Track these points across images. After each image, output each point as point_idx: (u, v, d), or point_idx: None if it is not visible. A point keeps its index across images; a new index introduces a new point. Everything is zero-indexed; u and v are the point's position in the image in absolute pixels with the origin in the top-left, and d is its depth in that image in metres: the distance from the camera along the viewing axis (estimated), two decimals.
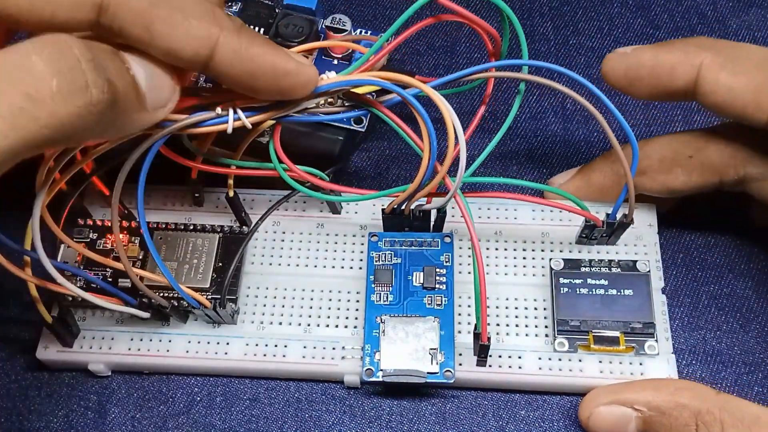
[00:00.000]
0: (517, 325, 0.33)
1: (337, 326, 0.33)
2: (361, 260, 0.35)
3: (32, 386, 0.34)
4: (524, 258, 0.34)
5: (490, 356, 0.31)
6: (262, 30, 0.36)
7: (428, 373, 0.31)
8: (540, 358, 0.32)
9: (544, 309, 0.33)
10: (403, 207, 0.32)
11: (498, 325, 0.33)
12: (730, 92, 0.28)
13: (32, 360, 0.33)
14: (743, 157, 0.31)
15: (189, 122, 0.24)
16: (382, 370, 0.31)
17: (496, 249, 0.35)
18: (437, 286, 0.33)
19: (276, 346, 0.33)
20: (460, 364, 0.32)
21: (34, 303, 0.30)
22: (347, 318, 0.33)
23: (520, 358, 0.32)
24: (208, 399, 0.33)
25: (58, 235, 0.28)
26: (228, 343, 0.33)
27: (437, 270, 0.33)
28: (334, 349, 0.33)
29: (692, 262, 0.36)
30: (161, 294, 0.32)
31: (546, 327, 0.33)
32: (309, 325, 0.33)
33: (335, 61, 0.35)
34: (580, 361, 0.32)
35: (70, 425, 0.33)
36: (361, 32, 0.37)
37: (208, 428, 0.33)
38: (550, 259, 0.33)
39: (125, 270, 0.29)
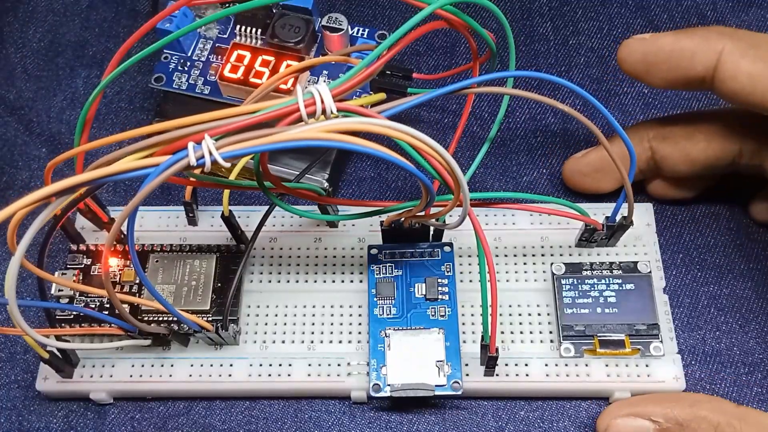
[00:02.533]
0: (521, 332, 0.33)
1: (341, 342, 0.33)
2: (362, 273, 0.34)
3: (32, 386, 0.33)
4: (525, 264, 0.34)
5: (497, 365, 0.31)
6: (258, 31, 0.36)
7: (436, 385, 0.31)
8: (546, 365, 0.32)
9: (548, 314, 0.33)
10: (402, 220, 0.31)
11: (503, 332, 0.33)
12: (750, 79, 0.28)
13: (32, 360, 0.33)
14: (765, 128, 0.31)
15: (170, 172, 0.23)
16: (389, 385, 0.31)
17: (497, 256, 0.34)
18: (440, 297, 0.33)
19: (280, 365, 0.32)
20: (467, 375, 0.32)
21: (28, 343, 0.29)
22: (351, 333, 0.33)
23: (526, 365, 0.32)
24: (208, 399, 0.33)
25: (42, 276, 0.27)
26: (231, 365, 0.32)
27: (439, 280, 0.33)
28: (339, 365, 0.32)
29: (692, 262, 0.36)
30: (162, 318, 0.32)
31: (551, 333, 0.33)
32: (312, 342, 0.33)
33: (332, 61, 0.35)
34: (586, 365, 0.32)
35: (70, 426, 0.33)
36: (358, 31, 0.37)
37: (208, 429, 0.33)
38: (552, 264, 0.33)
39: (114, 305, 0.27)
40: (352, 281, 0.34)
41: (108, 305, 0.32)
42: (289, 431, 0.33)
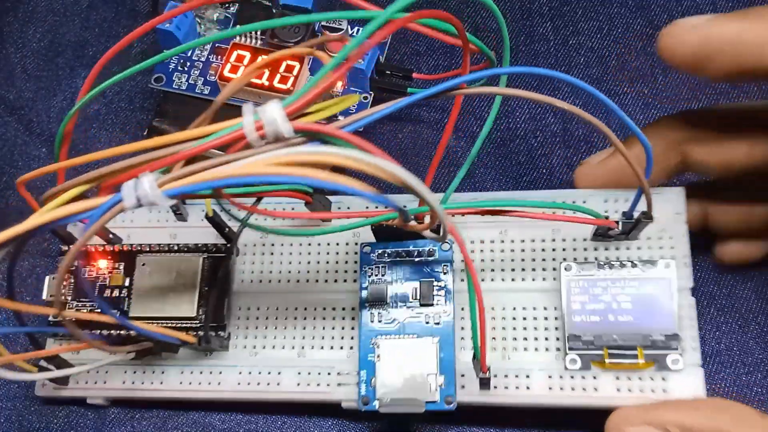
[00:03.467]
0: (525, 339, 0.30)
1: (332, 347, 0.31)
2: (355, 272, 0.32)
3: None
4: (533, 260, 0.31)
5: (495, 376, 0.29)
6: (258, 31, 0.36)
7: (427, 402, 0.29)
8: (550, 377, 0.29)
9: (555, 319, 0.30)
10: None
11: (504, 339, 0.30)
12: None
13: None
14: None
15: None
16: (378, 399, 0.29)
17: (502, 251, 0.31)
18: (435, 301, 0.30)
19: (270, 373, 0.31)
20: (463, 387, 0.29)
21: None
22: (342, 338, 0.31)
23: (527, 377, 0.29)
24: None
25: (13, 308, 0.27)
26: (221, 373, 0.32)
27: (435, 283, 0.30)
28: (329, 374, 0.31)
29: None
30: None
31: (557, 339, 0.30)
32: (303, 347, 0.31)
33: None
34: (594, 378, 0.29)
35: (70, 426, 0.34)
36: (358, 31, 0.36)
37: (208, 428, 0.33)
38: (563, 260, 0.30)
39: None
40: (345, 280, 0.32)
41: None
42: (290, 430, 0.32)
